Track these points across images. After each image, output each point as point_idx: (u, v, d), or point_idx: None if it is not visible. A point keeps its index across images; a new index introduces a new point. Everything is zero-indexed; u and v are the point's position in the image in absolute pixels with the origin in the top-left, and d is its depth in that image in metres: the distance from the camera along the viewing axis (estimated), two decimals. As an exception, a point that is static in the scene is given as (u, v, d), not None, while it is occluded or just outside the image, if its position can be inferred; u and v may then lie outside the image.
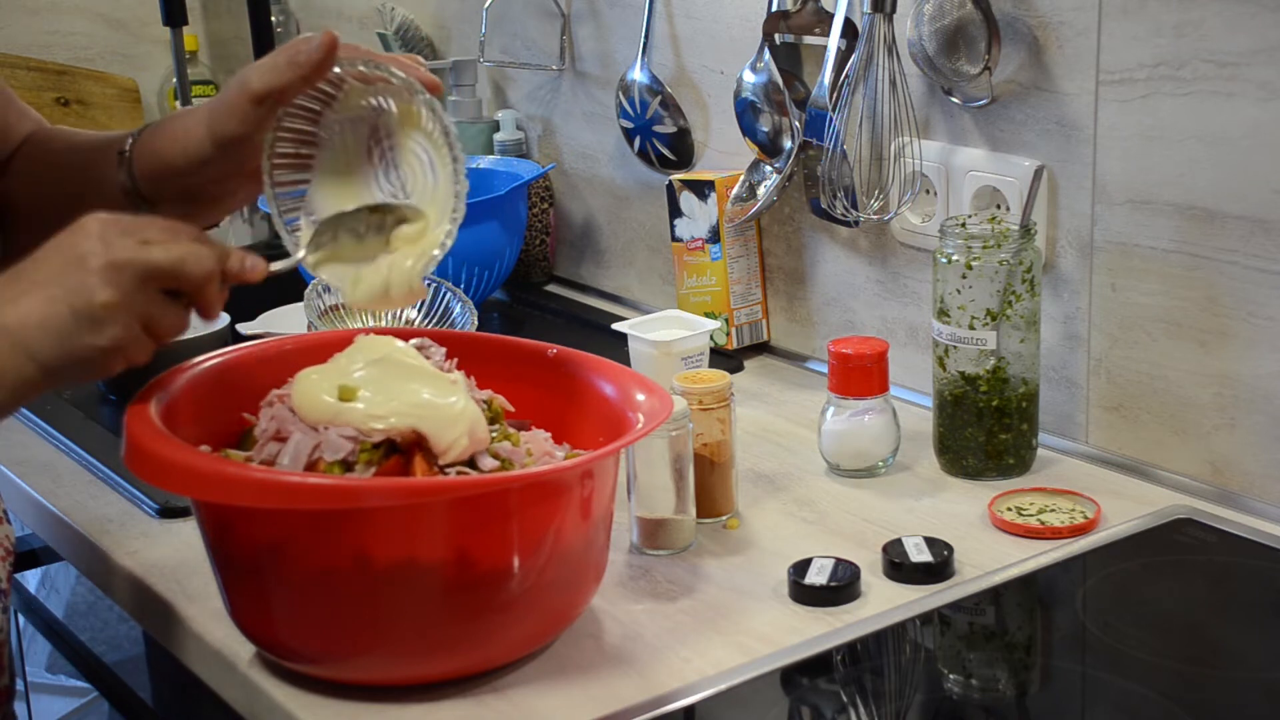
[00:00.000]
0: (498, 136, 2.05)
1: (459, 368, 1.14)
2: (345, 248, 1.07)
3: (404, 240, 1.07)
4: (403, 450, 1.03)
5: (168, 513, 1.35)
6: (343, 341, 1.15)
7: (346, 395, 1.04)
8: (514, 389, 1.17)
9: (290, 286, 1.74)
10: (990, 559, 1.22)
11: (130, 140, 1.15)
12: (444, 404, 1.04)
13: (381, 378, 1.06)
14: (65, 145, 1.26)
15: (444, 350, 1.15)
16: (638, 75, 1.80)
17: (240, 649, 1.12)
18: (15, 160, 1.27)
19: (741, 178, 1.67)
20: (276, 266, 1.04)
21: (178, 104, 2.21)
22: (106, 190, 1.16)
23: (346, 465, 1.02)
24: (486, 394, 1.13)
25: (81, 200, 1.17)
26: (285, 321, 1.72)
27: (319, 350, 1.15)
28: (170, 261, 0.98)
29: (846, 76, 1.47)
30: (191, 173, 1.11)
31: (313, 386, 1.06)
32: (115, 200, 1.15)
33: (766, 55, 1.60)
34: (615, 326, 1.53)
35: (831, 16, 1.50)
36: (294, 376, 1.09)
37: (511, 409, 1.14)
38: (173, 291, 0.99)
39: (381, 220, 1.07)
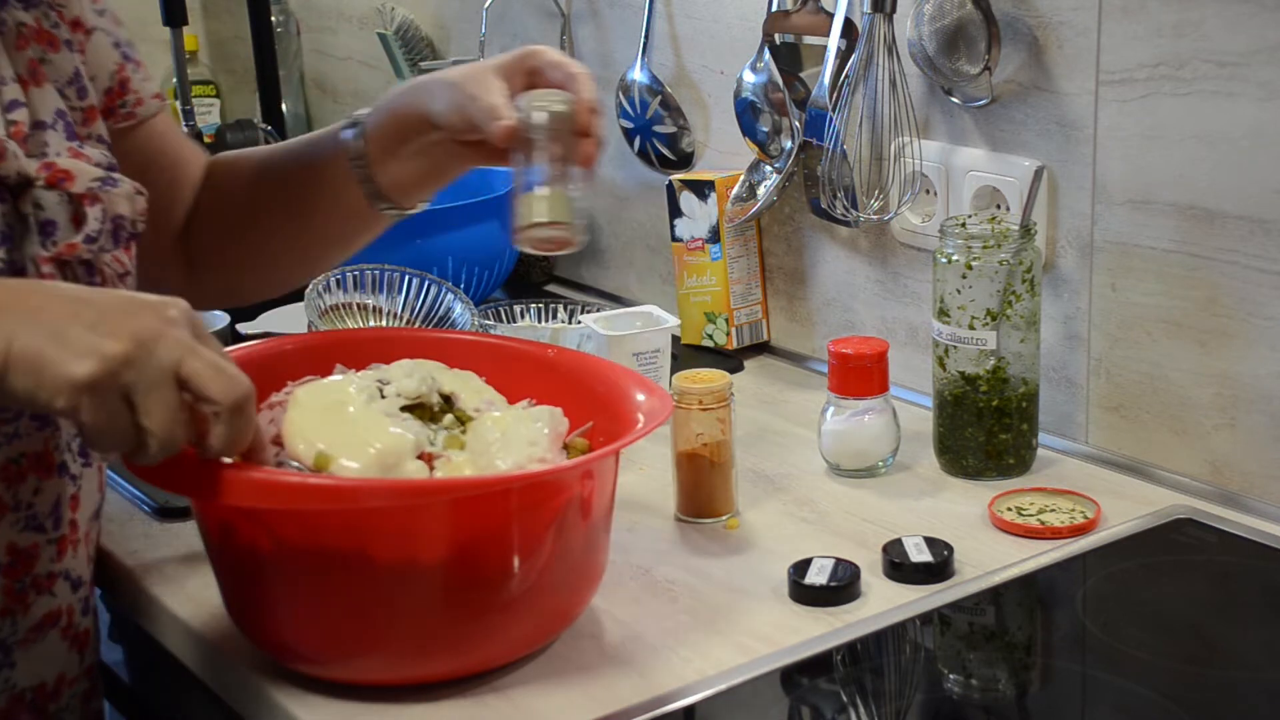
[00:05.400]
0: (498, 136, 2.04)
1: (459, 367, 1.14)
2: None
3: None
4: None
5: (168, 513, 1.35)
6: (342, 342, 1.15)
7: (321, 464, 1.01)
8: (514, 389, 1.17)
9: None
10: (990, 559, 1.21)
11: (359, 119, 1.19)
12: (392, 440, 1.02)
13: (341, 436, 1.02)
14: (255, 163, 1.26)
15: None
16: (638, 75, 1.80)
17: (240, 649, 1.12)
18: (203, 194, 1.28)
19: (741, 178, 1.67)
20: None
21: (178, 104, 2.21)
22: (327, 178, 1.19)
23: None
24: (548, 412, 1.10)
25: (305, 204, 1.21)
26: (285, 321, 1.72)
27: (319, 350, 1.15)
28: (208, 367, 0.89)
29: (846, 76, 1.47)
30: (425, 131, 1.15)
31: (296, 437, 1.03)
32: (338, 180, 1.19)
33: (766, 55, 1.60)
34: (581, 318, 1.53)
35: (831, 16, 1.50)
36: (290, 389, 1.08)
37: (586, 444, 1.12)
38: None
39: None
